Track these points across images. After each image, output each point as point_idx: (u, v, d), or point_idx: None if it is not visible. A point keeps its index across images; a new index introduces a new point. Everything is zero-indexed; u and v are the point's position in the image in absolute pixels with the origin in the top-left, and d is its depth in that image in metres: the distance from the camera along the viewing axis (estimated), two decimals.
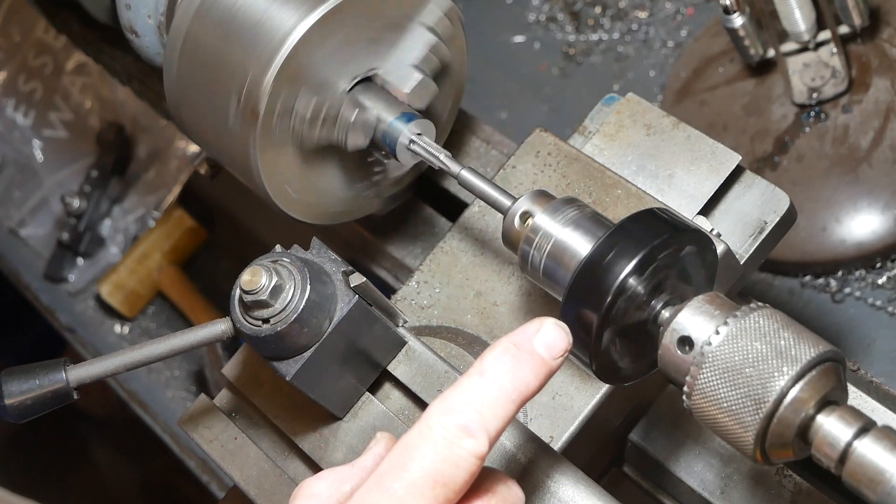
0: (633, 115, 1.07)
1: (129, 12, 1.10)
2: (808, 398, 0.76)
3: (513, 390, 0.74)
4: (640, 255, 0.81)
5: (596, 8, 1.66)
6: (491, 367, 0.74)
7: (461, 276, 1.06)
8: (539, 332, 0.76)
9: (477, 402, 0.73)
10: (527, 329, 0.76)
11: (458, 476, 0.72)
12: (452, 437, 0.72)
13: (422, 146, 0.99)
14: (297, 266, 0.90)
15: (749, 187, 1.03)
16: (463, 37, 1.07)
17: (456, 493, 0.73)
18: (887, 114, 1.34)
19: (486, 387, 0.74)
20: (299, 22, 0.95)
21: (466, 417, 0.73)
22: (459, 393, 0.74)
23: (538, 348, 0.75)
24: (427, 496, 0.72)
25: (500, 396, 0.74)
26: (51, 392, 0.93)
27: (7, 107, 1.97)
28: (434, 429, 0.73)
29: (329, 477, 0.81)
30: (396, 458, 0.73)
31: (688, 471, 1.03)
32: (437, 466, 0.72)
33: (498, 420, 0.73)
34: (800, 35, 1.34)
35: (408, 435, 0.74)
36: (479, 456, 0.73)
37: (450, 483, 0.72)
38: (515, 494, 0.78)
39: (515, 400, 0.74)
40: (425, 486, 0.72)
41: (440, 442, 0.72)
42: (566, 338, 0.76)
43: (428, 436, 0.73)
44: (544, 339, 0.76)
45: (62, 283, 1.83)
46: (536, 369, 0.75)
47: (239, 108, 0.98)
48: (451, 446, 0.72)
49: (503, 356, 0.75)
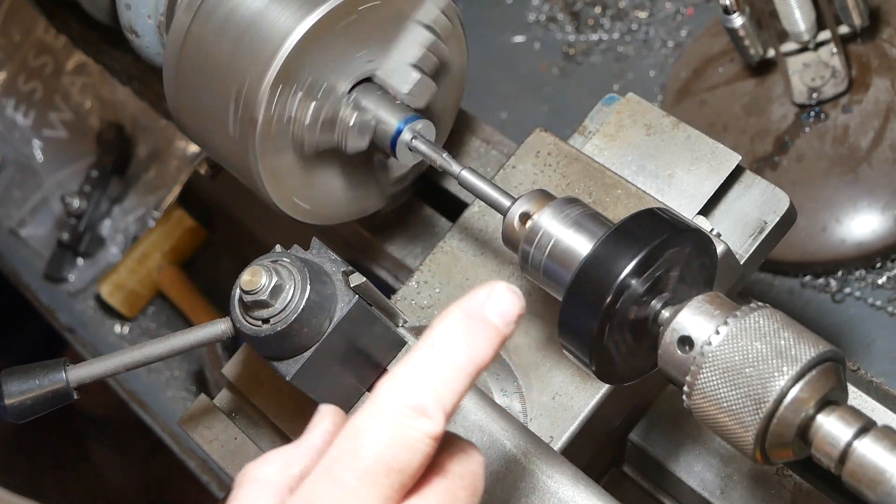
0: (633, 115, 1.07)
1: (129, 12, 1.10)
2: (808, 398, 0.76)
3: (467, 363, 0.69)
4: (640, 255, 0.81)
5: (596, 8, 1.66)
6: (442, 340, 0.69)
7: (461, 276, 1.06)
8: (490, 298, 0.70)
9: (430, 378, 0.68)
10: (477, 296, 0.70)
11: (413, 460, 0.67)
12: (405, 418, 0.67)
13: (422, 146, 0.99)
14: (297, 266, 0.90)
15: (749, 187, 1.03)
16: (462, 35, 1.07)
17: (411, 478, 0.68)
18: (887, 114, 1.34)
19: (439, 361, 0.68)
20: (297, 24, 0.95)
21: (420, 396, 0.67)
22: (410, 369, 0.69)
23: (491, 316, 0.69)
24: (381, 484, 0.67)
25: (453, 370, 0.68)
26: (51, 392, 0.93)
27: (7, 107, 1.97)
28: (385, 410, 0.67)
29: (275, 460, 0.74)
30: (346, 444, 0.68)
31: (688, 471, 1.03)
32: (391, 451, 0.67)
33: (453, 395, 0.68)
34: (800, 35, 1.34)
35: (357, 417, 0.68)
36: (435, 436, 0.68)
37: (404, 468, 0.67)
38: (474, 464, 0.72)
39: (470, 373, 0.69)
40: (379, 473, 0.67)
41: (392, 424, 0.67)
42: (518, 301, 0.70)
43: (379, 418, 0.67)
44: (497, 305, 0.70)
45: (62, 283, 1.83)
46: (490, 338, 0.69)
47: (237, 116, 0.98)
48: (405, 428, 0.67)
49: (455, 326, 0.69)
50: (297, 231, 1.06)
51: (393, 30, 1.01)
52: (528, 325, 1.02)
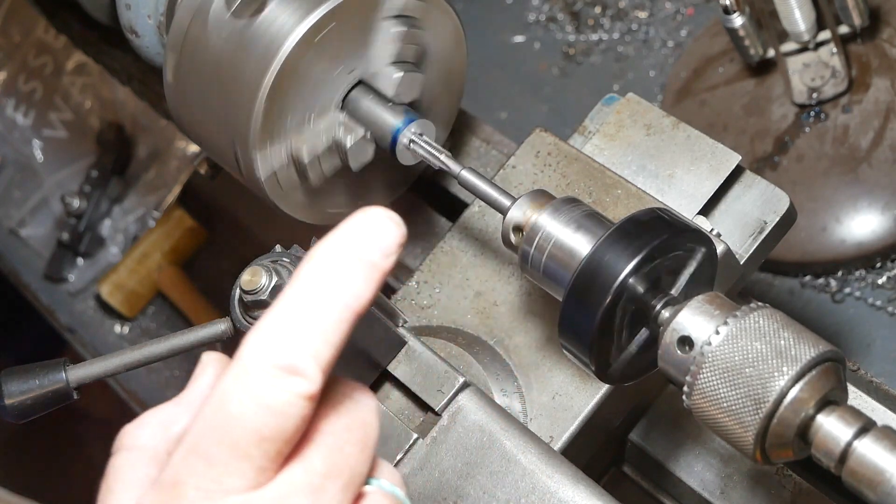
0: (633, 115, 1.07)
1: (129, 12, 1.10)
2: (808, 398, 0.76)
3: (343, 308, 0.60)
4: (640, 255, 0.81)
5: (596, 8, 1.66)
6: (311, 283, 0.60)
7: (461, 276, 1.06)
8: (364, 227, 0.61)
9: (300, 330, 0.59)
10: (349, 227, 0.61)
11: (287, 425, 0.59)
12: (275, 381, 0.58)
13: (422, 146, 0.99)
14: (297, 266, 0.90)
15: (749, 187, 1.03)
16: (462, 34, 1.07)
17: (288, 444, 0.60)
18: (887, 114, 1.34)
19: (310, 308, 0.59)
20: (288, 33, 0.96)
21: (290, 353, 0.58)
22: (277, 321, 0.59)
23: (364, 248, 0.61)
24: (254, 456, 0.59)
25: (327, 318, 0.59)
26: (51, 392, 0.93)
27: (7, 107, 1.97)
28: (252, 371, 0.59)
29: (151, 421, 0.67)
30: (212, 417, 0.59)
31: (688, 471, 1.03)
32: (261, 419, 0.58)
33: (329, 347, 0.59)
34: (800, 35, 1.34)
35: (222, 381, 0.60)
36: (311, 396, 0.59)
37: (278, 435, 0.59)
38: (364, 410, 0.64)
39: (347, 318, 0.60)
40: (249, 444, 0.59)
41: (261, 388, 0.58)
42: (396, 229, 0.62)
43: (245, 381, 0.59)
44: (370, 232, 0.61)
45: (62, 283, 1.83)
46: (367, 275, 0.60)
47: (238, 164, 1.00)
48: (275, 391, 0.58)
49: (325, 265, 0.60)
50: (297, 231, 1.06)
51: (363, 33, 1.00)
52: (528, 325, 1.02)
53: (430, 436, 0.93)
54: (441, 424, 0.93)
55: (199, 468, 0.60)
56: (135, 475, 0.65)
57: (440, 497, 0.91)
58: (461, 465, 0.91)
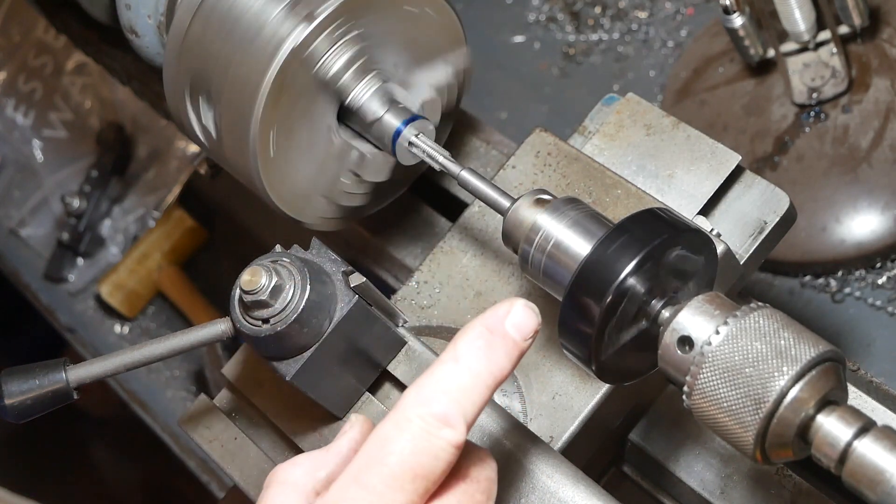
0: (633, 115, 1.07)
1: (129, 12, 1.10)
2: (808, 398, 0.76)
3: (488, 375, 0.73)
4: (640, 255, 0.81)
5: (596, 8, 1.66)
6: (465, 353, 0.73)
7: (461, 276, 1.06)
8: (510, 313, 0.74)
9: (453, 390, 0.72)
10: (497, 311, 0.74)
11: (437, 467, 0.71)
12: (430, 427, 0.71)
13: (421, 147, 0.99)
14: (297, 266, 0.90)
15: (749, 187, 1.03)
16: (462, 34, 1.07)
17: (435, 483, 0.72)
18: (887, 114, 1.34)
19: (462, 373, 0.72)
20: (293, 28, 0.95)
21: (444, 407, 0.71)
22: (435, 381, 0.72)
23: (510, 331, 0.74)
24: (407, 489, 0.71)
25: (475, 383, 0.72)
26: (51, 392, 0.93)
27: (7, 107, 1.97)
28: (412, 420, 0.71)
29: (304, 463, 0.79)
30: (373, 452, 0.72)
31: (688, 471, 1.03)
32: (416, 458, 0.71)
33: (475, 407, 0.72)
34: (800, 35, 1.34)
35: (383, 426, 0.72)
36: (458, 445, 0.72)
37: (429, 475, 0.71)
38: (489, 469, 0.76)
39: (491, 385, 0.73)
40: (405, 479, 0.70)
41: (418, 433, 0.71)
42: (536, 318, 0.75)
43: (405, 427, 0.71)
44: (515, 320, 0.74)
45: (62, 283, 1.83)
46: (509, 352, 0.74)
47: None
48: (430, 437, 0.71)
49: (476, 341, 0.73)
50: (297, 231, 1.06)
51: (425, 53, 1.04)
52: None
53: None
54: None
55: (359, 494, 0.71)
56: None
57: None
58: None
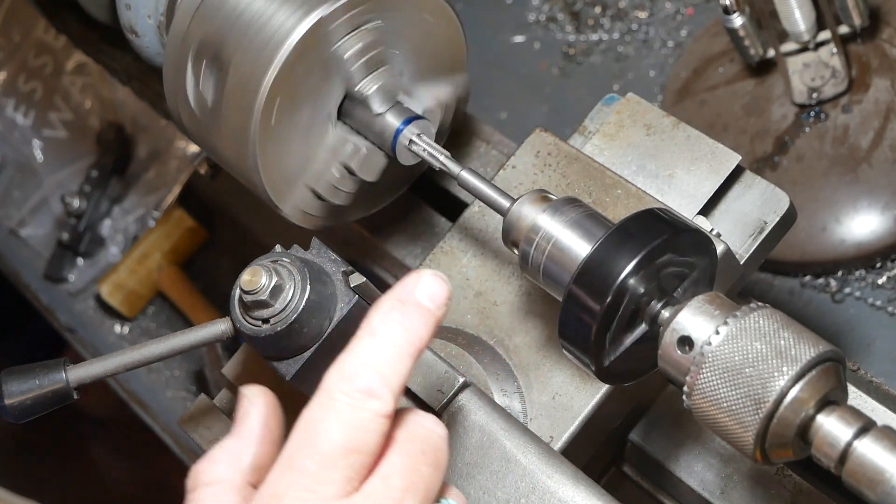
0: (633, 115, 1.07)
1: (129, 12, 1.10)
2: (808, 398, 0.76)
3: (407, 345, 0.73)
4: (640, 255, 0.81)
5: (596, 8, 1.66)
6: (380, 326, 0.74)
7: (461, 276, 1.06)
8: (419, 284, 0.75)
9: (374, 362, 0.72)
10: (406, 283, 0.75)
11: (369, 439, 0.71)
12: (356, 401, 0.71)
13: (422, 147, 0.99)
14: (297, 266, 0.90)
15: (749, 187, 1.03)
16: (462, 34, 1.07)
17: (370, 456, 0.72)
18: (887, 114, 1.34)
19: (380, 345, 0.73)
20: (296, 26, 0.95)
21: (366, 380, 0.72)
22: (355, 357, 0.73)
23: (422, 300, 0.75)
24: (342, 466, 0.70)
25: (395, 352, 0.73)
26: (51, 392, 0.93)
27: (7, 107, 1.97)
28: (336, 397, 0.71)
29: (222, 457, 0.77)
30: (302, 435, 0.72)
31: (688, 471, 1.03)
32: (346, 434, 0.71)
33: (398, 376, 0.72)
34: (800, 35, 1.34)
35: (309, 409, 0.72)
36: (387, 415, 0.72)
37: (362, 448, 0.71)
38: (435, 437, 0.75)
39: (411, 353, 0.73)
40: (337, 456, 0.70)
41: (344, 409, 0.71)
42: (445, 286, 0.75)
43: (331, 406, 0.71)
44: (426, 290, 0.75)
45: (62, 283, 1.83)
46: (425, 320, 0.74)
47: None
48: (356, 411, 0.71)
49: (390, 313, 0.74)
50: (297, 231, 1.06)
51: (430, 67, 1.05)
52: (528, 325, 1.02)
53: None
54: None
55: (295, 479, 0.70)
56: None
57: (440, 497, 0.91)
58: (461, 465, 0.91)
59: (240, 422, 0.79)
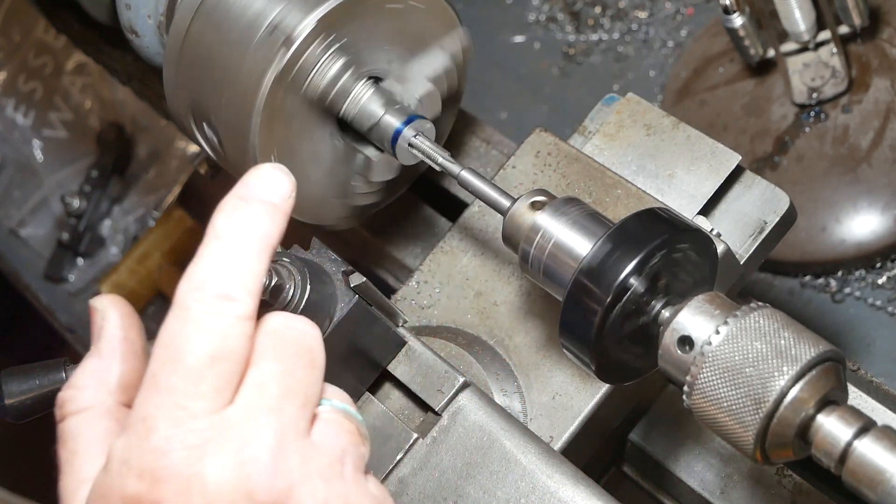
0: (633, 115, 1.07)
1: (129, 12, 1.10)
2: (808, 398, 0.76)
3: (256, 242, 0.69)
4: (641, 255, 0.81)
5: (596, 8, 1.66)
6: (225, 228, 0.70)
7: (461, 276, 1.06)
8: (260, 178, 0.71)
9: (224, 266, 0.68)
10: (247, 180, 0.71)
11: (233, 345, 0.67)
12: (211, 308, 0.67)
13: (422, 146, 0.99)
14: (297, 266, 0.90)
15: (749, 187, 1.03)
16: (462, 34, 1.07)
17: (238, 362, 0.67)
18: (887, 114, 1.34)
19: (228, 247, 0.69)
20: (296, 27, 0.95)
21: (220, 284, 0.68)
22: (204, 263, 0.69)
23: (265, 195, 0.71)
24: (209, 376, 0.66)
25: (245, 251, 0.69)
26: (51, 392, 0.93)
27: (7, 107, 1.97)
28: (191, 307, 0.67)
29: (87, 381, 0.72)
30: (164, 353, 0.67)
31: (688, 471, 1.03)
32: (209, 343, 0.66)
33: (253, 275, 0.69)
34: (800, 35, 1.34)
35: (166, 325, 0.67)
36: (248, 317, 0.68)
37: (227, 355, 0.67)
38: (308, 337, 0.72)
39: (262, 250, 0.70)
40: (204, 367, 0.66)
41: (201, 318, 0.67)
42: (286, 177, 0.72)
43: (187, 317, 0.67)
44: (266, 183, 0.71)
45: (62, 283, 1.83)
46: (270, 214, 0.71)
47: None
48: (214, 317, 0.67)
49: (233, 213, 0.70)
50: (297, 231, 1.06)
51: (418, 42, 1.03)
52: (528, 325, 1.02)
53: (430, 436, 0.93)
54: (441, 424, 0.93)
55: (163, 400, 0.66)
56: (94, 432, 0.70)
57: (440, 497, 0.91)
58: (461, 465, 0.91)
59: (97, 339, 0.74)
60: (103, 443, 0.70)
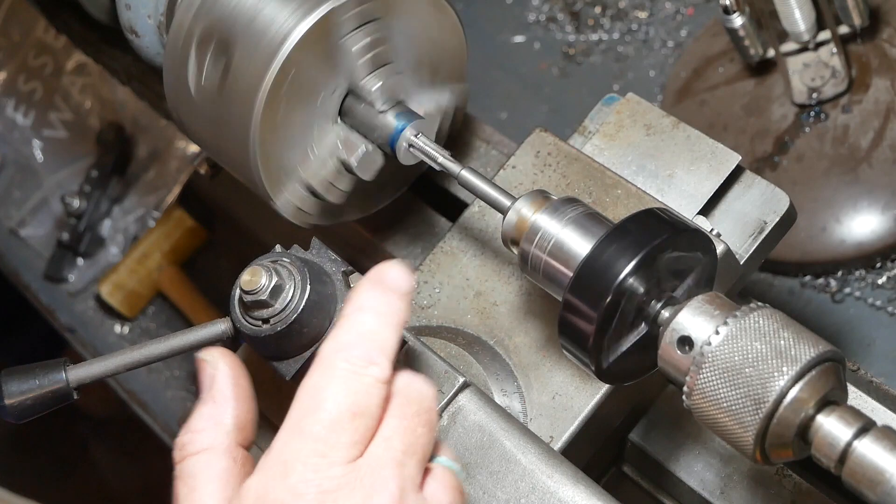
0: (633, 115, 1.07)
1: (129, 12, 1.10)
2: (808, 398, 0.76)
3: (393, 316, 0.78)
4: (640, 255, 0.81)
5: (596, 8, 1.66)
6: (367, 302, 0.78)
7: (461, 276, 1.06)
8: (389, 271, 0.79)
9: (368, 332, 0.76)
10: (378, 270, 0.79)
11: (371, 403, 0.74)
12: (356, 367, 0.74)
13: (422, 146, 0.99)
14: (297, 266, 0.90)
15: (749, 187, 1.03)
16: (462, 34, 1.07)
17: (374, 419, 0.74)
18: (887, 114, 1.34)
19: (371, 318, 0.77)
20: (295, 26, 0.95)
21: (364, 348, 0.75)
22: (349, 328, 0.76)
23: (393, 283, 0.79)
24: (348, 429, 0.73)
25: (386, 323, 0.77)
26: (51, 392, 0.93)
27: (7, 107, 1.97)
28: (337, 365, 0.74)
29: (204, 425, 0.79)
30: (308, 402, 0.74)
31: (688, 471, 1.03)
32: (351, 398, 0.73)
33: (391, 344, 0.77)
34: (800, 35, 1.34)
35: (311, 377, 0.75)
36: (385, 380, 0.75)
37: (365, 411, 0.74)
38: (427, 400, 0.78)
39: (397, 325, 0.78)
40: (344, 419, 0.73)
41: (346, 375, 0.74)
42: (410, 273, 0.80)
43: (333, 374, 0.74)
44: (394, 277, 0.79)
45: (62, 283, 1.83)
46: (401, 298, 0.79)
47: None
48: (358, 377, 0.74)
49: (372, 291, 0.78)
50: (297, 231, 1.06)
51: (433, 77, 1.05)
52: (528, 325, 1.02)
53: None
54: (441, 424, 0.93)
55: (304, 445, 0.72)
56: (212, 470, 0.77)
57: None
58: (461, 465, 0.91)
59: (209, 387, 0.80)
60: (220, 479, 0.76)
